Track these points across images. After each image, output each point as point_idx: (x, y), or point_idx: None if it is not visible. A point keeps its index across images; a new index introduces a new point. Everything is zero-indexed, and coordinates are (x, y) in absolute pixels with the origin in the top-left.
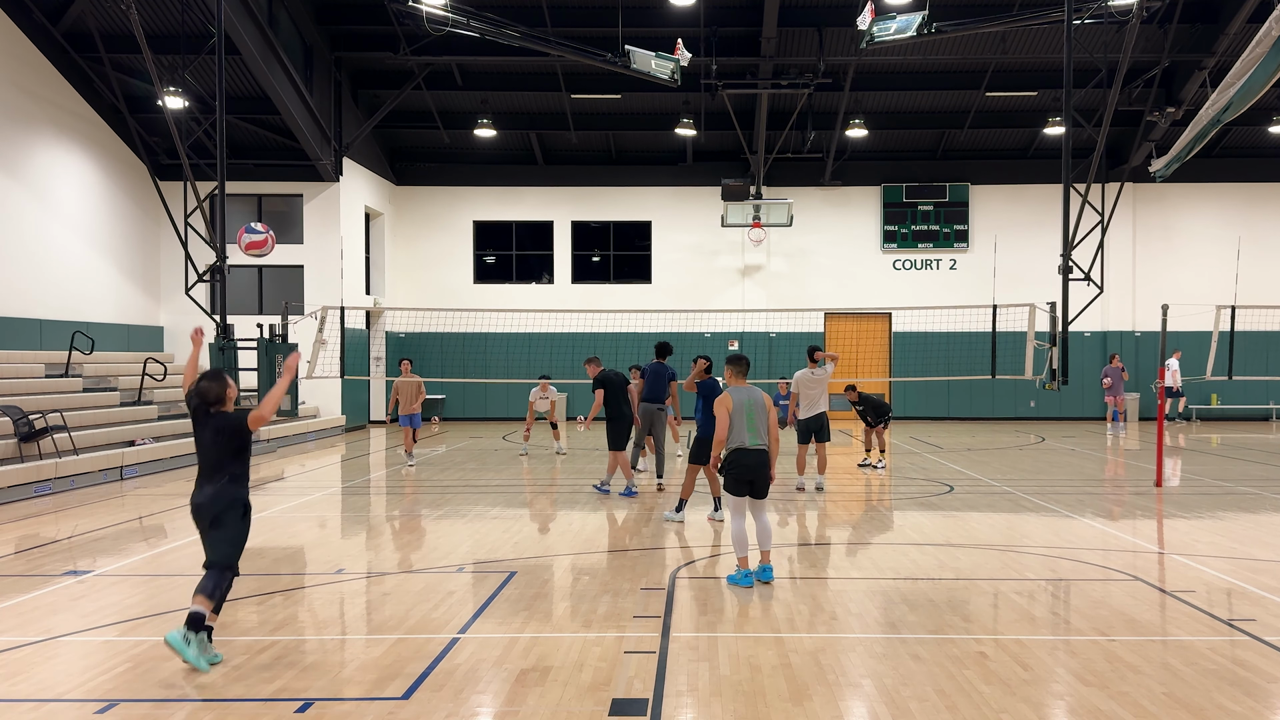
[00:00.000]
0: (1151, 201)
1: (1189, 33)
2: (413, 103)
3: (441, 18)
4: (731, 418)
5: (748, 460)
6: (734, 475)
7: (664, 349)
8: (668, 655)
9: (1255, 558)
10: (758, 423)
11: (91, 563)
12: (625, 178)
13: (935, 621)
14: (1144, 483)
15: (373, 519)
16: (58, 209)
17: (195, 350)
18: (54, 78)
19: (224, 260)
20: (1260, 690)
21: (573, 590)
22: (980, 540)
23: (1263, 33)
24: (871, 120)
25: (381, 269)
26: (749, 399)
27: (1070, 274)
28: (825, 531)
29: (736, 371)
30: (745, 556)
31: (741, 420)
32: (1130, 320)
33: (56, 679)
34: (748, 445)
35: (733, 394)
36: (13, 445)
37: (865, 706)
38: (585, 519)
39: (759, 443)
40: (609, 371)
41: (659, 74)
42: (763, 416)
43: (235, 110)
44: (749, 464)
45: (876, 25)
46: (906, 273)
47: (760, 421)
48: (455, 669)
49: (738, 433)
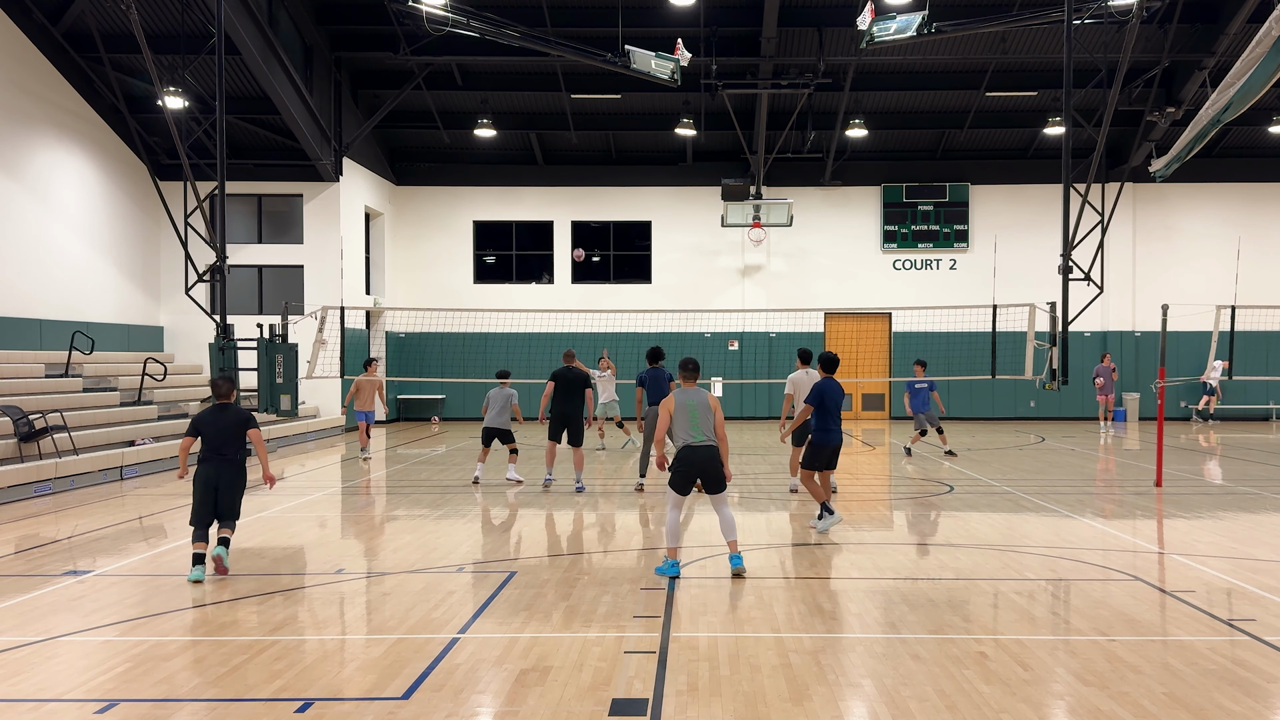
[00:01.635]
0: (1151, 201)
1: (1189, 33)
2: (413, 103)
3: (441, 18)
4: (674, 417)
5: (694, 457)
6: (680, 471)
7: (657, 354)
8: (668, 655)
9: (1255, 558)
10: (701, 422)
11: (91, 563)
12: (625, 178)
13: (935, 621)
14: (1144, 483)
15: (373, 519)
16: (58, 209)
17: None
18: (54, 78)
19: (224, 260)
20: (1260, 690)
21: (573, 590)
22: (980, 540)
23: (1263, 33)
24: (871, 120)
25: (381, 269)
26: (693, 400)
27: (1070, 274)
28: (824, 531)
29: (686, 375)
30: (675, 548)
31: (684, 419)
32: (1130, 320)
33: (56, 679)
34: (693, 443)
35: (677, 396)
36: (13, 445)
37: (865, 706)
38: (585, 519)
39: (704, 439)
40: (565, 368)
41: (659, 74)
42: (707, 416)
43: (235, 110)
44: (695, 460)
45: (876, 25)
46: (906, 273)
47: (704, 420)
48: (455, 669)
49: (682, 431)
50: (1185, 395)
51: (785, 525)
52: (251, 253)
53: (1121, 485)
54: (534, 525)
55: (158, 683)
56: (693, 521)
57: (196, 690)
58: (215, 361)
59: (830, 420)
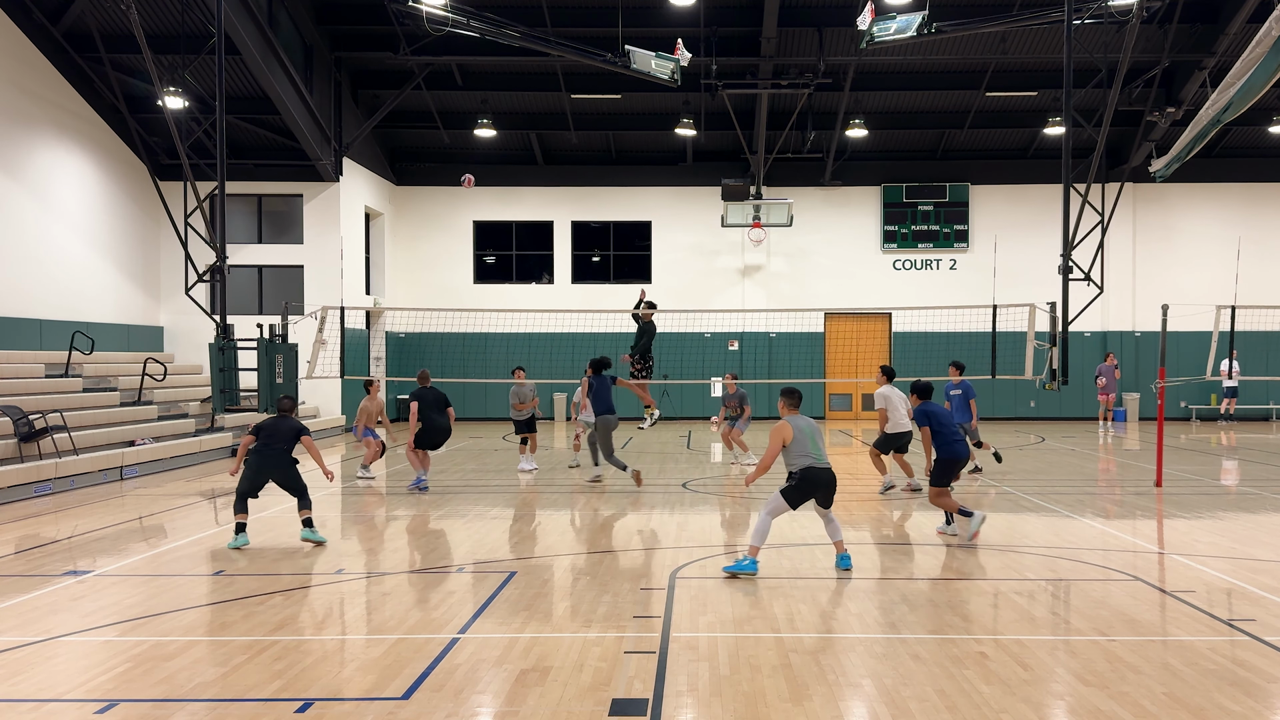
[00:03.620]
0: (1151, 201)
1: (1189, 33)
2: (413, 103)
3: (441, 18)
4: (792, 441)
5: (820, 478)
6: (801, 489)
7: (602, 364)
8: (668, 655)
9: (1255, 558)
10: (820, 445)
11: (91, 563)
12: (625, 178)
13: (935, 621)
14: (1144, 483)
15: (373, 519)
16: (58, 209)
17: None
18: (54, 78)
19: (224, 260)
20: (1260, 690)
21: (573, 590)
22: (980, 540)
23: (1263, 33)
24: (871, 120)
25: (381, 269)
26: (810, 426)
27: (1070, 274)
28: (825, 531)
29: (792, 404)
30: (758, 547)
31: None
32: (1130, 320)
33: (56, 679)
34: (817, 465)
35: (794, 421)
36: (13, 445)
37: (865, 706)
38: (585, 519)
39: (825, 462)
40: (423, 389)
41: (659, 74)
42: (821, 439)
43: (235, 110)
44: (820, 480)
45: (876, 25)
46: (906, 273)
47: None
48: (455, 669)
49: (803, 454)
50: (1186, 395)
51: (786, 525)
52: (251, 253)
53: (1121, 485)
54: (534, 525)
55: (158, 683)
56: (692, 522)
57: (196, 690)
58: (215, 361)
59: (951, 434)
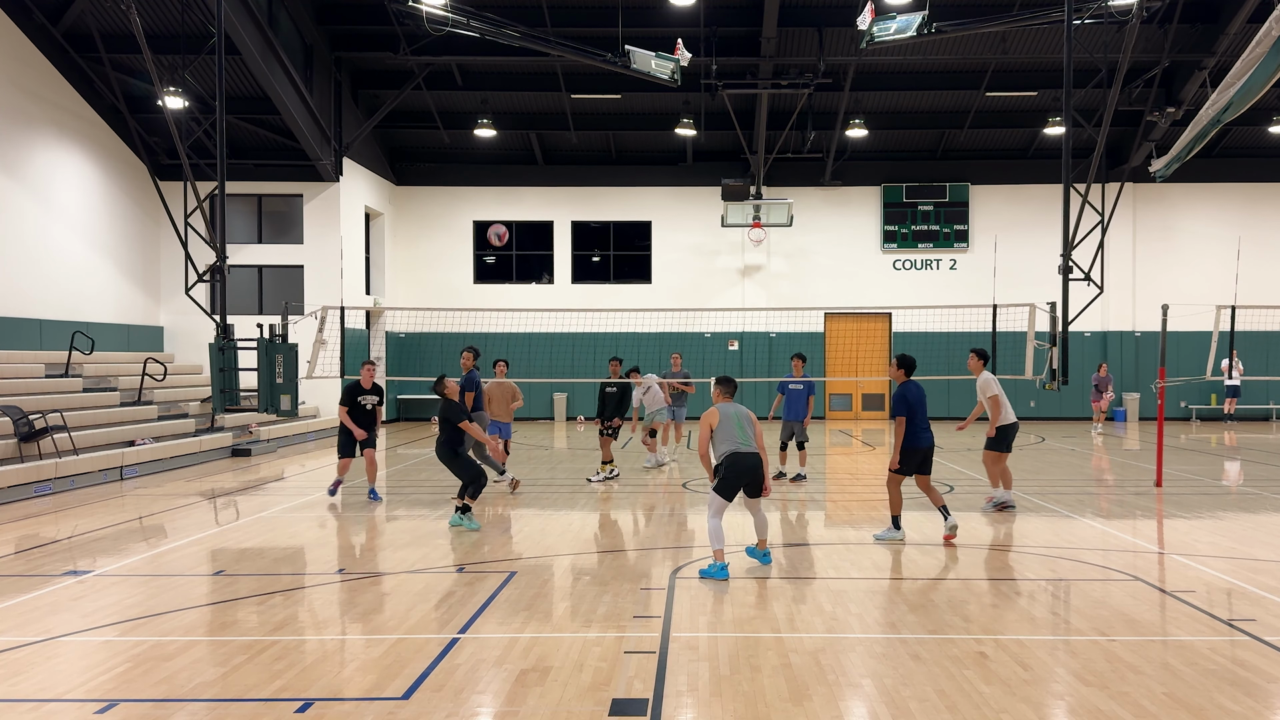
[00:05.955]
0: (1151, 201)
1: (1189, 33)
2: (413, 103)
3: (441, 18)
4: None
5: (742, 464)
6: (727, 478)
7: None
8: (668, 655)
9: (1255, 558)
10: (746, 430)
11: (91, 563)
12: (625, 178)
13: (935, 621)
14: (1144, 483)
15: (373, 519)
16: (58, 209)
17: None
18: (54, 78)
19: (224, 260)
20: (1260, 690)
21: (573, 590)
22: (980, 540)
23: (1263, 33)
24: (871, 120)
25: (381, 269)
26: (735, 411)
27: (1070, 274)
28: (825, 531)
29: (725, 391)
30: (721, 550)
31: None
32: (1130, 320)
33: (56, 679)
34: (741, 450)
35: (720, 408)
36: (13, 445)
37: (865, 706)
38: (585, 519)
39: (750, 447)
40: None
41: (659, 74)
42: (749, 426)
43: (235, 110)
44: (743, 467)
45: (876, 25)
46: (906, 273)
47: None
48: (455, 669)
49: (728, 440)
50: (1186, 395)
51: (786, 525)
52: (251, 253)
53: (1121, 485)
54: (534, 525)
55: (158, 683)
56: (690, 522)
57: (196, 690)
58: (215, 362)
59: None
